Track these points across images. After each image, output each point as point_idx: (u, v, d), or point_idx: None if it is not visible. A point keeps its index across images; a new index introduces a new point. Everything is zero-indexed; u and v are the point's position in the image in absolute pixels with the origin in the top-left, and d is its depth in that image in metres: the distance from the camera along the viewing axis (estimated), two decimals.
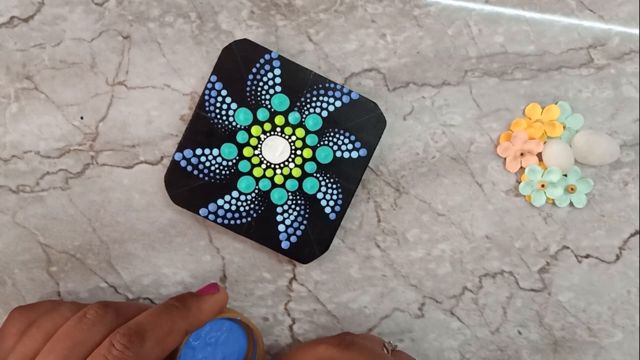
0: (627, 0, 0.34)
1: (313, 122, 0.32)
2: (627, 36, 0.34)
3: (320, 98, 0.32)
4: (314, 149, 0.33)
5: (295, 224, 0.33)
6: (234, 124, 0.32)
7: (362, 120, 0.32)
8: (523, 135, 0.34)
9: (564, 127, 0.34)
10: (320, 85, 0.32)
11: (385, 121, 0.32)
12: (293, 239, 0.33)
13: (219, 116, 0.32)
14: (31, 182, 0.34)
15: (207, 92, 0.32)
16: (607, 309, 0.35)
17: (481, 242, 0.35)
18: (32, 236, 0.34)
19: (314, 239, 0.33)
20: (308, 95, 0.32)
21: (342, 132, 0.33)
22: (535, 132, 0.34)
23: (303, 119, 0.33)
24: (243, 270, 0.35)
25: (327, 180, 0.33)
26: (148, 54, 0.34)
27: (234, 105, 0.32)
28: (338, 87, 0.32)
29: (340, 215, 0.33)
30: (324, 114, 0.32)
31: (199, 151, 0.32)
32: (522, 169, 0.34)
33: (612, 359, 0.35)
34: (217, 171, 0.33)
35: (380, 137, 0.33)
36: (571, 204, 0.34)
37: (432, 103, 0.34)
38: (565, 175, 0.34)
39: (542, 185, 0.34)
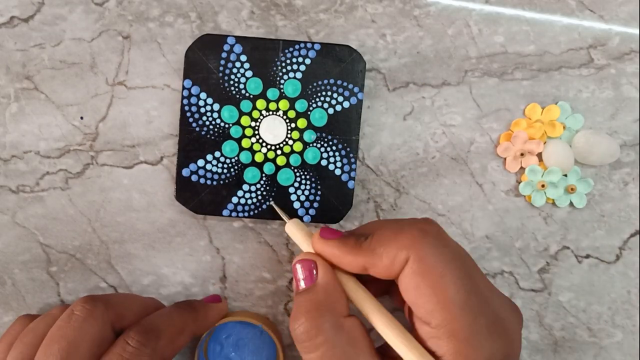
0: (627, 0, 0.34)
1: (292, 87, 0.32)
2: (627, 36, 0.34)
3: (292, 60, 0.32)
4: (306, 116, 0.33)
5: (311, 197, 0.33)
6: (222, 124, 0.32)
7: (341, 67, 0.32)
8: (523, 135, 0.34)
9: (564, 127, 0.34)
10: (287, 51, 0.32)
11: (365, 61, 0.32)
12: (312, 211, 0.33)
13: (207, 123, 0.32)
14: (31, 182, 0.34)
15: (185, 101, 0.32)
16: (607, 309, 0.35)
17: (481, 242, 0.35)
18: (32, 236, 0.34)
19: (334, 200, 0.33)
20: (279, 64, 0.32)
21: (325, 85, 0.32)
22: (535, 132, 0.34)
23: (282, 88, 0.32)
24: (243, 270, 0.35)
25: (328, 143, 0.33)
26: (148, 54, 0.34)
27: (216, 106, 0.32)
28: (302, 45, 0.32)
29: (350, 170, 0.33)
30: (299, 75, 0.32)
31: (201, 162, 0.32)
32: (522, 169, 0.34)
33: (612, 359, 0.35)
34: (225, 171, 0.33)
35: (364, 77, 0.32)
36: (571, 204, 0.34)
37: (432, 103, 0.34)
38: (565, 175, 0.34)
39: (542, 185, 0.34)
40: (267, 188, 0.33)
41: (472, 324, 0.22)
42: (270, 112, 0.33)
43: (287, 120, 0.33)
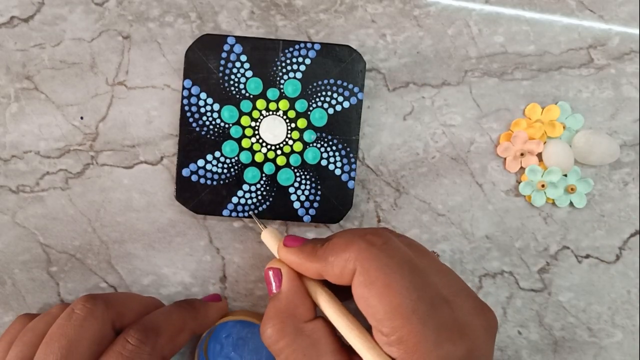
0: (627, 0, 0.34)
1: (292, 87, 0.32)
2: (627, 36, 0.34)
3: (292, 60, 0.32)
4: (306, 116, 0.33)
5: (311, 197, 0.33)
6: (222, 124, 0.32)
7: (341, 67, 0.32)
8: (523, 135, 0.34)
9: (564, 127, 0.34)
10: (287, 51, 0.32)
11: (365, 61, 0.32)
12: (312, 211, 0.33)
13: (207, 123, 0.32)
14: (31, 182, 0.34)
15: (185, 101, 0.32)
16: (607, 309, 0.35)
17: (481, 242, 0.35)
18: (32, 236, 0.34)
19: (334, 200, 0.33)
20: (279, 63, 0.32)
21: (325, 85, 0.32)
22: (535, 132, 0.34)
23: (282, 88, 0.32)
24: (243, 270, 0.35)
25: (328, 143, 0.33)
26: (148, 54, 0.34)
27: (216, 106, 0.32)
28: (302, 45, 0.32)
29: (350, 170, 0.33)
30: (298, 75, 0.32)
31: (201, 162, 0.33)
32: (522, 169, 0.34)
33: (612, 359, 0.35)
34: (225, 171, 0.33)
35: (364, 77, 0.32)
36: (571, 204, 0.34)
37: (432, 103, 0.34)
38: (565, 175, 0.34)
39: (542, 185, 0.34)
40: (267, 188, 0.33)
41: (421, 331, 0.22)
42: (270, 112, 0.33)
43: (287, 120, 0.33)
